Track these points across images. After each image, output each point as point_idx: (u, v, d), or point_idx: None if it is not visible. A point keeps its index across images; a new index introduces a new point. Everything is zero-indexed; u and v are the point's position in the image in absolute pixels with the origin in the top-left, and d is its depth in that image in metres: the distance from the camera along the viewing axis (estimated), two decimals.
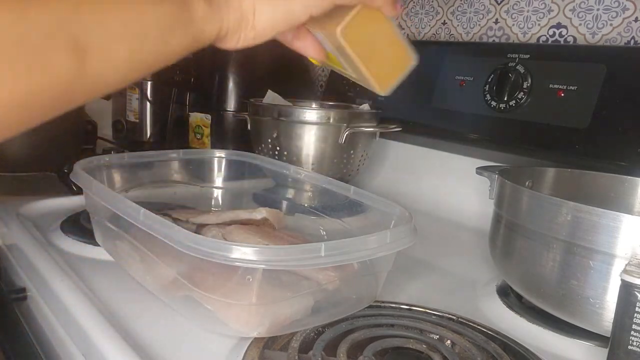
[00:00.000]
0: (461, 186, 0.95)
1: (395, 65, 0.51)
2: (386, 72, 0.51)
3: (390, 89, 0.52)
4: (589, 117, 0.77)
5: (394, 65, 0.51)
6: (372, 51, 0.49)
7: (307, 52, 0.50)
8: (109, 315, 0.52)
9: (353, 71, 0.51)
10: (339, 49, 0.48)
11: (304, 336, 0.49)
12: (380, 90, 0.51)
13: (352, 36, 0.47)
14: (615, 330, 0.41)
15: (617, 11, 0.84)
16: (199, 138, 1.16)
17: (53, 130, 1.01)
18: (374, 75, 0.50)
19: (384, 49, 0.50)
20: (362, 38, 0.48)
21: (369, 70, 0.49)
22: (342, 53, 0.49)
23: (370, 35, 0.48)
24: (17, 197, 0.85)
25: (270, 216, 0.66)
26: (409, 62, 0.52)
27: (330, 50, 0.50)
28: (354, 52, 0.48)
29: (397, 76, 0.52)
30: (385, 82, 0.51)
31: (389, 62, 0.51)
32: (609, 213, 0.48)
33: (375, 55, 0.50)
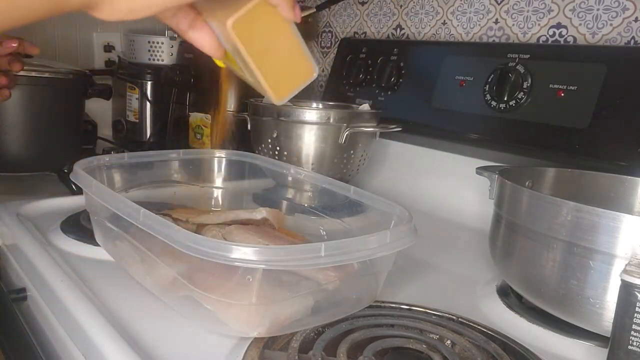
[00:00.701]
0: (461, 186, 0.95)
1: (293, 74, 0.48)
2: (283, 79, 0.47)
3: (286, 99, 0.48)
4: (589, 117, 0.77)
5: (291, 73, 0.47)
6: (267, 53, 0.45)
7: (201, 45, 0.45)
8: (109, 315, 0.52)
9: (248, 73, 0.47)
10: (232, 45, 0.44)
11: (304, 336, 0.49)
12: (276, 98, 0.47)
13: (245, 31, 0.43)
14: (615, 330, 0.41)
15: (617, 11, 0.84)
16: (199, 138, 1.16)
17: (53, 130, 1.01)
18: (268, 80, 0.46)
19: (281, 53, 0.46)
20: (256, 36, 0.44)
21: (262, 73, 0.45)
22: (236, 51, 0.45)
23: (266, 34, 0.44)
24: (17, 197, 0.85)
25: (270, 216, 0.66)
26: (309, 73, 0.48)
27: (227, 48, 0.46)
28: (246, 49, 0.44)
29: (295, 86, 0.48)
30: (281, 90, 0.47)
31: (286, 70, 0.47)
32: (609, 213, 0.48)
33: (270, 58, 0.46)
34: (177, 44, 1.25)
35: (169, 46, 1.25)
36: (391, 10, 1.19)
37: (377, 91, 1.09)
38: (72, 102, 1.05)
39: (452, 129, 0.95)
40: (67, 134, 1.05)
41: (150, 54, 1.26)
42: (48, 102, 0.98)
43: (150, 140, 1.29)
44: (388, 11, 1.20)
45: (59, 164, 1.02)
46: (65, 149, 1.05)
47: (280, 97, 0.48)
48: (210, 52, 0.46)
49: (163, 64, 1.26)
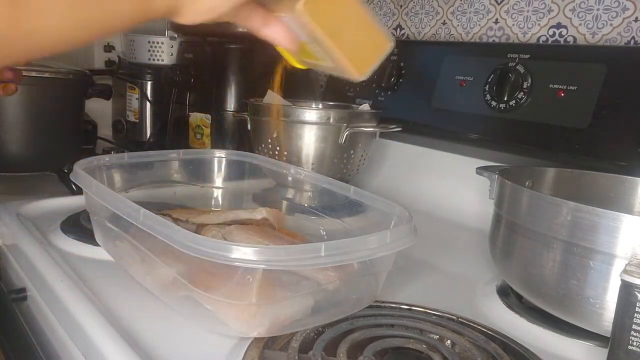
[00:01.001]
0: (461, 186, 0.95)
1: (370, 47, 0.48)
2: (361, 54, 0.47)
3: (368, 73, 0.48)
4: (589, 117, 0.77)
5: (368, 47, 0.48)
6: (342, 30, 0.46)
7: (278, 39, 0.47)
8: (109, 315, 0.52)
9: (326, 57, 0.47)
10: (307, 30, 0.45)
11: (304, 336, 0.49)
12: (358, 74, 0.48)
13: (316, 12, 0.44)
14: (615, 330, 0.41)
15: (617, 11, 0.84)
16: (199, 138, 1.16)
17: (53, 130, 1.01)
18: (348, 57, 0.46)
19: (355, 29, 0.47)
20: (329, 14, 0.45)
21: (341, 51, 0.46)
22: (312, 35, 0.45)
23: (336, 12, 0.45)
24: (17, 197, 0.84)
25: (270, 216, 0.66)
26: (385, 45, 0.48)
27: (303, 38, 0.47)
28: (321, 29, 0.44)
29: (374, 59, 0.48)
30: (361, 65, 0.47)
31: (362, 44, 0.47)
32: (609, 213, 0.48)
33: (346, 34, 0.46)
34: (177, 44, 1.25)
35: (169, 46, 1.25)
36: (391, 10, 1.19)
37: (377, 91, 1.09)
38: (72, 102, 1.05)
39: (452, 129, 0.95)
40: (67, 134, 1.05)
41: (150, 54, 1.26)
42: (48, 102, 0.98)
43: (150, 140, 1.29)
44: (388, 11, 1.20)
45: (59, 164, 1.02)
46: (65, 149, 1.05)
47: (362, 72, 0.48)
48: (287, 45, 0.47)
49: (163, 64, 1.26)
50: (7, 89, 0.72)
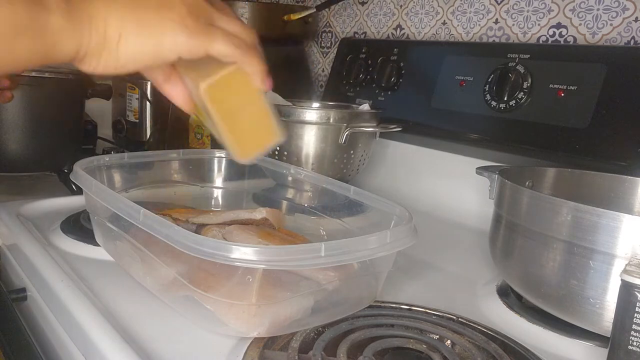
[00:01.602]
0: (461, 186, 0.95)
1: (258, 137, 0.50)
2: (248, 141, 0.50)
3: (249, 159, 0.50)
4: (589, 117, 0.77)
5: (257, 136, 0.50)
6: (236, 115, 0.48)
7: (175, 99, 0.48)
8: (109, 315, 0.52)
9: (216, 131, 0.49)
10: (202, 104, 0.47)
11: (304, 336, 0.49)
12: (240, 157, 0.50)
13: (216, 95, 0.45)
14: (615, 330, 0.41)
15: (617, 11, 0.84)
16: (199, 138, 1.16)
17: (53, 130, 1.01)
18: (236, 141, 0.49)
19: (249, 117, 0.48)
20: (227, 100, 0.46)
21: (230, 134, 0.48)
22: (206, 110, 0.47)
23: (237, 99, 0.47)
24: (17, 197, 0.85)
25: (270, 216, 0.66)
26: (274, 138, 0.50)
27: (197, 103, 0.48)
28: (216, 111, 0.46)
29: (258, 149, 0.51)
30: (245, 150, 0.50)
31: (252, 131, 0.49)
32: (609, 213, 0.48)
33: (238, 120, 0.48)
34: None
35: None
36: (391, 10, 1.19)
37: (377, 91, 1.09)
38: (72, 102, 1.05)
39: (452, 129, 0.95)
40: (67, 134, 1.05)
41: None
42: (48, 102, 0.98)
43: (150, 140, 1.29)
44: (388, 11, 1.20)
45: (59, 164, 1.02)
46: (65, 149, 1.05)
47: (245, 157, 0.50)
48: (181, 106, 0.49)
49: None
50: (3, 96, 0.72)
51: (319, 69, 1.36)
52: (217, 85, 0.45)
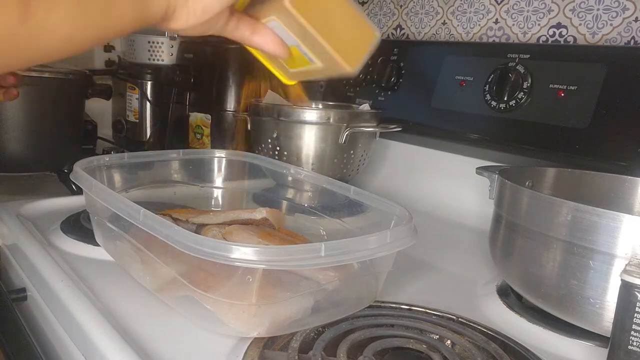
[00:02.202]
0: (461, 186, 0.95)
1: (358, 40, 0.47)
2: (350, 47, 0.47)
3: (359, 66, 0.48)
4: (589, 117, 0.77)
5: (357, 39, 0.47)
6: (330, 23, 0.45)
7: (267, 46, 0.47)
8: (109, 315, 0.52)
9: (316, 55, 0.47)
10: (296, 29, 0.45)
11: (304, 336, 0.49)
12: (350, 68, 0.47)
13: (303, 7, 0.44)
14: (615, 330, 0.41)
15: (617, 11, 0.84)
16: (199, 138, 1.16)
17: (53, 130, 1.01)
18: (339, 51, 0.46)
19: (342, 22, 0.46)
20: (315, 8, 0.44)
21: (332, 45, 0.45)
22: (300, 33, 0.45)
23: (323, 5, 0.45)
24: (17, 197, 0.85)
25: (270, 216, 0.66)
26: (373, 36, 0.48)
27: (290, 42, 0.47)
28: (309, 23, 0.44)
29: (364, 51, 0.48)
30: (352, 58, 0.47)
31: (350, 37, 0.47)
32: (609, 213, 0.48)
33: (334, 28, 0.46)
34: (177, 44, 1.25)
35: (169, 46, 1.25)
36: (391, 10, 1.19)
37: (377, 91, 1.09)
38: (72, 102, 1.05)
39: (452, 129, 0.95)
40: (67, 134, 1.05)
41: (150, 54, 1.26)
42: (48, 102, 0.98)
43: (150, 140, 1.29)
44: (388, 11, 1.20)
45: (59, 164, 1.02)
46: (65, 149, 1.05)
47: (353, 65, 0.47)
48: (276, 51, 0.47)
49: (163, 64, 1.26)
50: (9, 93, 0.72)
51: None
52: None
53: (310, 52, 0.47)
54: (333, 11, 0.46)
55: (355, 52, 0.47)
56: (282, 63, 0.51)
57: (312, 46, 0.46)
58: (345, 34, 0.46)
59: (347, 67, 0.47)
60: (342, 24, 0.46)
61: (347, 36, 0.47)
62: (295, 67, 0.50)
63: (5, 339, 0.60)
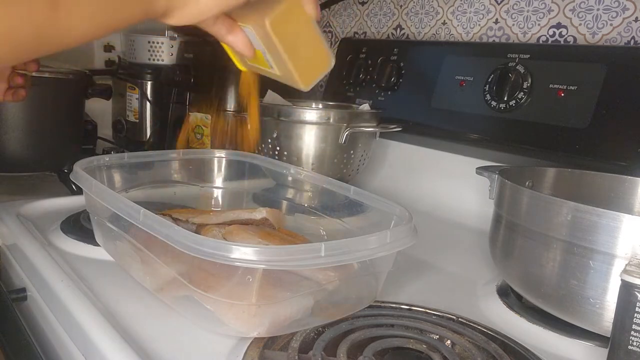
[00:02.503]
0: (461, 186, 0.95)
1: (317, 64, 0.55)
2: (309, 68, 0.55)
3: (312, 85, 0.55)
4: (589, 117, 0.77)
5: (316, 63, 0.55)
6: (297, 46, 0.53)
7: (237, 46, 0.53)
8: (109, 315, 0.52)
9: (278, 67, 0.54)
10: (266, 42, 0.52)
11: (304, 336, 0.49)
12: (303, 86, 0.55)
13: (280, 28, 0.50)
14: (615, 330, 0.41)
15: (617, 11, 0.84)
16: (199, 138, 1.16)
17: (53, 130, 1.01)
18: (298, 70, 0.53)
19: (307, 46, 0.54)
20: (288, 32, 0.51)
21: (293, 64, 0.53)
22: (269, 46, 0.52)
23: (296, 30, 0.52)
24: (17, 197, 0.85)
25: (270, 216, 0.66)
26: (329, 63, 0.56)
27: (257, 47, 0.53)
28: (281, 44, 0.51)
29: (319, 73, 0.56)
30: (308, 78, 0.55)
31: (311, 60, 0.55)
32: (609, 213, 0.48)
33: (299, 50, 0.53)
34: (177, 44, 1.25)
35: (169, 46, 1.25)
36: (391, 10, 1.19)
37: (377, 91, 1.09)
38: (72, 102, 1.05)
39: (452, 129, 0.95)
40: (67, 134, 1.05)
41: (150, 54, 1.26)
42: (48, 102, 0.98)
43: (150, 140, 1.29)
44: (388, 11, 1.20)
45: (59, 164, 1.02)
46: (65, 149, 1.05)
47: (307, 83, 0.55)
48: (244, 51, 0.53)
49: (163, 64, 1.26)
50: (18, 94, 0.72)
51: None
52: (279, 20, 0.50)
53: (272, 61, 0.54)
54: (302, 38, 0.53)
55: (311, 74, 0.55)
56: None
57: (275, 58, 0.53)
58: (306, 57, 0.54)
59: (301, 84, 0.55)
60: (306, 48, 0.54)
61: (308, 60, 0.54)
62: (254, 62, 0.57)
63: (5, 339, 0.60)
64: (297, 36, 0.52)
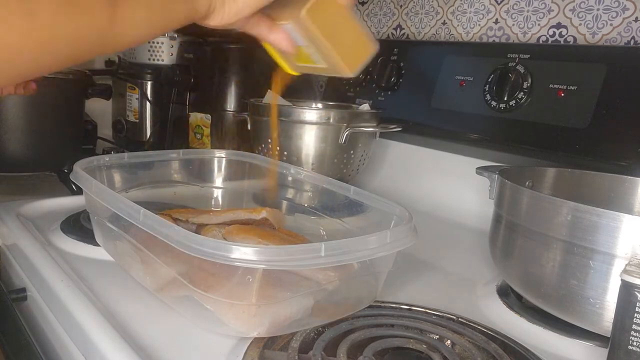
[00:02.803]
0: (461, 186, 0.95)
1: (359, 49, 0.55)
2: (352, 54, 0.54)
3: (358, 71, 0.55)
4: (589, 117, 0.77)
5: (358, 48, 0.55)
6: (337, 33, 0.53)
7: (281, 44, 0.53)
8: (109, 315, 0.52)
9: (322, 57, 0.54)
10: (307, 35, 0.52)
11: (304, 336, 0.49)
12: (350, 72, 0.55)
13: (317, 17, 0.51)
14: (615, 330, 0.41)
15: (617, 11, 0.84)
16: (199, 138, 1.16)
17: (53, 130, 1.01)
18: (342, 57, 0.53)
19: (347, 33, 0.54)
20: (326, 20, 0.51)
21: (337, 51, 0.53)
22: (311, 38, 0.52)
23: (333, 18, 0.52)
24: (17, 197, 0.85)
25: (270, 216, 0.66)
26: (371, 47, 0.55)
27: (300, 42, 0.53)
28: (320, 32, 0.51)
29: (363, 58, 0.55)
30: (353, 64, 0.55)
31: (353, 46, 0.54)
32: (609, 213, 0.48)
33: (340, 37, 0.53)
34: (177, 44, 1.25)
35: (169, 46, 1.25)
36: (391, 10, 1.19)
37: (377, 91, 1.09)
38: (72, 102, 1.05)
39: (452, 129, 0.95)
40: (67, 134, 1.05)
41: (150, 54, 1.26)
42: (48, 102, 0.98)
43: (150, 140, 1.29)
44: (388, 11, 1.20)
45: (59, 164, 1.02)
46: (65, 149, 1.05)
47: (353, 70, 0.55)
48: (288, 48, 0.54)
49: (163, 64, 1.26)
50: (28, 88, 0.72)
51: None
52: (315, 9, 0.50)
53: (317, 54, 0.54)
54: (341, 24, 0.53)
55: (356, 59, 0.55)
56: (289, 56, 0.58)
57: (319, 50, 0.53)
58: (348, 43, 0.54)
59: (348, 71, 0.55)
60: (347, 35, 0.54)
61: (350, 45, 0.54)
62: (301, 62, 0.57)
63: (5, 339, 0.60)
64: (335, 24, 0.52)
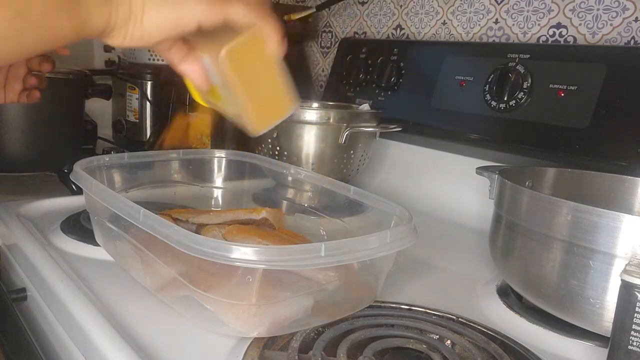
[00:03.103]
0: (461, 186, 0.95)
1: (275, 107, 0.50)
2: (265, 111, 0.50)
3: (264, 130, 0.50)
4: (589, 117, 0.77)
5: (274, 106, 0.50)
6: (255, 84, 0.48)
7: (191, 76, 0.49)
8: (109, 315, 0.52)
9: (232, 104, 0.49)
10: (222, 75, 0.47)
11: (304, 336, 0.49)
12: (254, 129, 0.50)
13: (236, 61, 0.46)
14: (615, 330, 0.41)
15: (617, 11, 0.84)
16: (199, 138, 1.16)
17: (53, 130, 1.01)
18: (254, 111, 0.49)
19: (267, 87, 0.49)
20: (246, 66, 0.46)
21: (248, 103, 0.48)
22: (225, 80, 0.47)
23: (254, 66, 0.47)
24: (17, 197, 0.85)
25: (270, 216, 0.66)
26: (290, 106, 0.50)
27: (214, 80, 0.49)
28: (238, 79, 0.46)
29: (277, 118, 0.50)
30: (263, 121, 0.50)
31: (269, 102, 0.49)
32: (609, 213, 0.48)
33: (257, 89, 0.48)
34: None
35: None
36: (391, 10, 1.19)
37: (377, 91, 1.09)
38: (72, 102, 1.05)
39: (452, 129, 0.95)
40: (67, 134, 1.05)
41: (150, 54, 1.26)
42: (48, 102, 0.98)
43: (150, 140, 1.29)
44: (388, 11, 1.20)
45: (59, 164, 1.02)
46: (65, 149, 1.05)
47: (260, 128, 0.50)
48: (197, 82, 0.49)
49: (163, 64, 1.25)
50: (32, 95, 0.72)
51: (319, 69, 1.36)
52: (237, 51, 0.45)
53: (228, 98, 0.49)
54: (262, 76, 0.48)
55: (267, 118, 0.50)
56: None
57: (230, 94, 0.48)
58: (264, 100, 0.49)
59: (254, 127, 0.49)
60: (266, 88, 0.48)
61: (265, 102, 0.49)
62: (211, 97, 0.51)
63: (5, 339, 0.60)
64: (256, 74, 0.47)
